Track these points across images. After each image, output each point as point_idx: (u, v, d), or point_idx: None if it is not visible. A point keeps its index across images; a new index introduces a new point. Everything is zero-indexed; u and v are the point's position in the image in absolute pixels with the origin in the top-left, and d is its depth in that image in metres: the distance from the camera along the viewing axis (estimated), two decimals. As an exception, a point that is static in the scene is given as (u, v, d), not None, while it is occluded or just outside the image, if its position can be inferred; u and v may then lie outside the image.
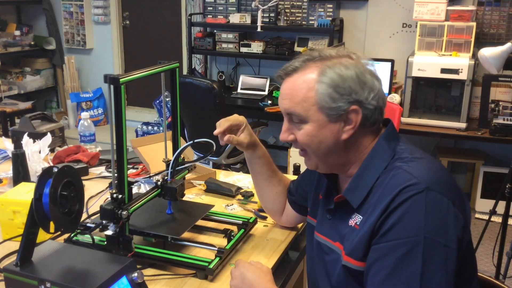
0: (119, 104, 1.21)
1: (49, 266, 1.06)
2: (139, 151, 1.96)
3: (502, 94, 3.68)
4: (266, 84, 4.52)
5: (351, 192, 1.13)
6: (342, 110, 1.09)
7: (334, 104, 1.09)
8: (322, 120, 1.11)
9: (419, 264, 0.98)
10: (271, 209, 1.54)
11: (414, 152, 1.13)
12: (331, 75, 1.09)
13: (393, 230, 1.01)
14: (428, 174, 1.05)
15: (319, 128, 1.11)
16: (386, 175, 1.08)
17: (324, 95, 1.09)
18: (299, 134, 1.14)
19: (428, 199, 1.00)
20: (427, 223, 0.99)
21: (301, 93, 1.11)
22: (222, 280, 1.27)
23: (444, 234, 1.00)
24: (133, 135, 4.93)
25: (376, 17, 4.20)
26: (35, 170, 1.79)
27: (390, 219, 1.02)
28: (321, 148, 1.13)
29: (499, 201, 2.73)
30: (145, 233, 1.38)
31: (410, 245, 0.99)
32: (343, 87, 1.09)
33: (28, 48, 5.36)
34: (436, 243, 0.99)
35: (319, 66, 1.11)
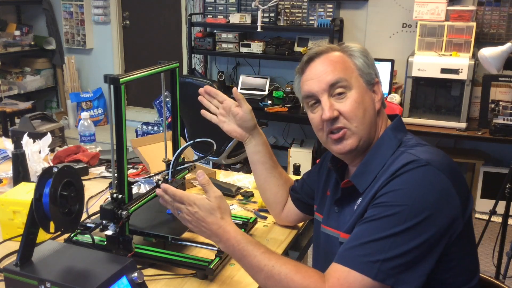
0: (119, 104, 1.21)
1: (49, 266, 1.06)
2: (139, 151, 1.96)
3: (502, 94, 3.68)
4: (266, 84, 4.53)
5: (357, 177, 1.17)
6: (372, 78, 1.20)
7: (369, 70, 1.20)
8: (363, 87, 1.18)
9: (400, 227, 1.00)
10: (273, 203, 1.53)
11: (420, 141, 1.17)
12: (357, 47, 1.22)
13: (386, 195, 1.05)
14: (431, 155, 1.08)
15: (363, 94, 1.17)
16: (392, 161, 1.12)
17: (360, 62, 1.19)
18: (345, 105, 1.16)
19: (426, 173, 1.04)
20: (420, 194, 1.02)
21: (341, 63, 1.19)
22: (222, 280, 1.27)
23: (435, 211, 1.01)
24: (133, 135, 4.93)
25: (376, 17, 4.20)
26: (35, 170, 1.79)
27: (386, 187, 1.05)
28: (366, 116, 1.17)
29: (499, 201, 2.73)
30: (145, 233, 1.38)
31: (397, 209, 1.01)
32: (370, 58, 1.21)
33: (28, 48, 5.36)
34: (424, 218, 1.00)
35: (339, 48, 1.22)
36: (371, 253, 1.01)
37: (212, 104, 1.46)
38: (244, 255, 1.12)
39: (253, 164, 1.49)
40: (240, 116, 1.42)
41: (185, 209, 1.18)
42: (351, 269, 1.02)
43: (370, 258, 1.01)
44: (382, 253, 1.00)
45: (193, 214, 1.17)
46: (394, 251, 1.00)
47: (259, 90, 4.52)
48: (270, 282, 1.09)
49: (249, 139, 1.45)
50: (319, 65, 1.19)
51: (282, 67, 4.61)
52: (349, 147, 1.18)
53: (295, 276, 1.06)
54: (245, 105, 1.42)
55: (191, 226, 1.19)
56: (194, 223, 1.18)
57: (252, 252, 1.12)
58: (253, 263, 1.11)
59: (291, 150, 4.27)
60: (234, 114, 1.42)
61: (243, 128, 1.44)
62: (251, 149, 1.47)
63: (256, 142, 1.46)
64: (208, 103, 1.47)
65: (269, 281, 1.09)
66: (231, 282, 1.26)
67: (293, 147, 4.30)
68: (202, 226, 1.17)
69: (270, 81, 4.55)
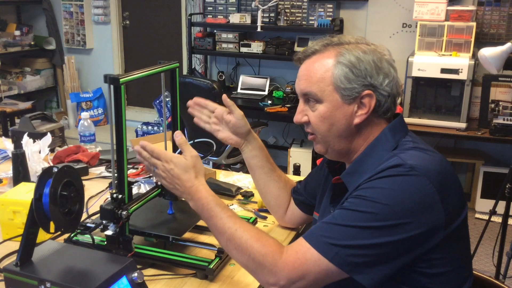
0: (119, 104, 1.21)
1: (49, 266, 1.06)
2: (139, 151, 1.96)
3: (502, 94, 3.68)
4: (266, 84, 4.53)
5: (348, 176, 1.16)
6: (356, 92, 1.12)
7: (349, 85, 1.12)
8: (336, 101, 1.13)
9: (371, 223, 1.00)
10: (275, 206, 1.52)
11: (419, 144, 1.13)
12: (349, 57, 1.13)
13: (368, 190, 1.04)
14: (422, 162, 1.05)
15: (333, 109, 1.13)
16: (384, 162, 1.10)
17: (340, 75, 1.12)
18: (313, 116, 1.16)
19: (411, 180, 1.01)
20: (400, 199, 1.00)
21: (318, 74, 1.14)
22: (222, 280, 1.27)
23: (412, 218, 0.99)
24: (133, 135, 4.93)
25: (376, 17, 4.20)
26: (35, 170, 1.79)
27: (369, 183, 1.05)
28: (332, 131, 1.15)
29: (499, 201, 2.73)
30: (145, 233, 1.38)
31: (374, 207, 1.01)
32: (359, 69, 1.12)
33: (28, 48, 5.36)
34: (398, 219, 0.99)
35: (337, 49, 1.15)
36: (335, 237, 1.02)
37: (203, 114, 1.47)
38: (211, 215, 1.16)
39: (251, 169, 1.49)
40: (233, 123, 1.42)
41: (161, 165, 1.21)
42: (311, 246, 1.03)
43: (332, 241, 1.02)
44: (345, 239, 1.01)
45: (168, 171, 1.20)
46: (357, 241, 1.00)
47: (259, 90, 4.52)
48: (230, 245, 1.12)
49: (244, 145, 1.45)
50: (303, 68, 1.18)
51: (282, 67, 4.60)
52: (318, 151, 1.21)
53: (255, 243, 1.09)
54: (236, 111, 1.42)
55: (165, 182, 1.22)
56: (168, 180, 1.21)
57: (219, 213, 1.15)
58: (218, 224, 1.14)
59: (291, 150, 4.27)
60: (227, 121, 1.42)
61: (238, 135, 1.43)
62: (247, 154, 1.46)
63: (252, 146, 1.45)
64: (199, 114, 1.47)
65: (230, 244, 1.12)
66: (231, 282, 1.26)
67: (293, 147, 4.30)
68: (176, 183, 1.20)
69: (270, 81, 4.55)
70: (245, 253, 1.09)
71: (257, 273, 1.09)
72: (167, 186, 1.23)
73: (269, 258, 1.06)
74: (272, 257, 1.06)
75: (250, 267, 1.10)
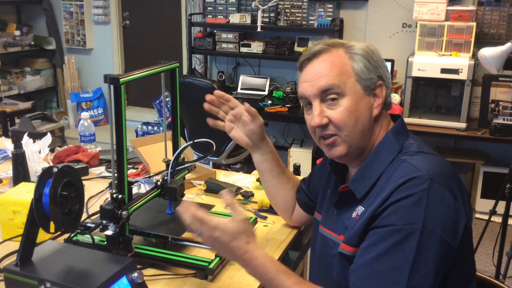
0: (119, 104, 1.21)
1: (49, 266, 1.06)
2: (139, 151, 1.96)
3: (502, 94, 3.68)
4: (266, 84, 4.53)
5: (355, 183, 1.15)
6: (373, 83, 1.14)
7: (369, 75, 1.13)
8: (359, 93, 1.13)
9: (413, 252, 0.98)
10: (283, 207, 1.52)
11: (422, 147, 1.13)
12: (362, 47, 1.15)
13: (392, 217, 1.02)
14: (432, 167, 1.05)
15: (357, 102, 1.12)
16: (391, 168, 1.09)
17: (360, 66, 1.13)
18: (336, 113, 1.12)
19: (431, 191, 1.01)
20: (427, 214, 0.99)
21: (337, 67, 1.13)
22: (222, 280, 1.27)
23: (442, 227, 1.00)
24: (133, 135, 4.93)
25: (376, 17, 4.20)
26: (35, 170, 1.79)
27: (391, 206, 1.02)
28: (358, 125, 1.13)
29: (499, 201, 2.73)
30: (145, 233, 1.38)
31: (406, 232, 0.99)
32: (374, 60, 1.14)
33: (28, 48, 5.36)
34: (433, 235, 0.99)
35: (344, 47, 1.16)
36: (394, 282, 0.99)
37: (221, 109, 1.42)
38: (274, 284, 1.07)
39: (260, 172, 1.48)
40: (252, 130, 1.40)
41: (206, 232, 1.09)
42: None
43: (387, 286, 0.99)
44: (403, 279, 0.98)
45: (214, 239, 1.09)
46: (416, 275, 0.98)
47: (259, 90, 4.52)
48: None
49: (256, 148, 1.44)
50: (315, 66, 1.15)
51: (282, 67, 4.60)
52: (338, 154, 1.16)
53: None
54: (257, 119, 1.40)
55: (213, 248, 1.16)
56: (216, 246, 1.11)
57: (283, 282, 1.06)
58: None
59: (291, 150, 4.27)
60: (245, 124, 1.40)
61: (251, 139, 1.41)
62: (257, 157, 1.45)
63: (262, 151, 1.44)
64: (216, 110, 1.42)
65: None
66: (231, 282, 1.26)
67: (293, 147, 4.30)
68: (225, 251, 1.10)
69: (270, 81, 4.55)
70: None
71: None
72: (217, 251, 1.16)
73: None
74: None
75: None
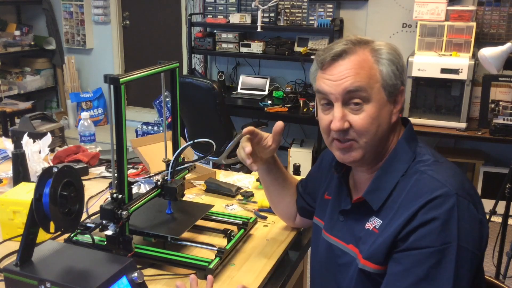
0: (119, 104, 1.21)
1: (49, 266, 1.06)
2: (139, 151, 1.96)
3: (502, 94, 3.68)
4: (266, 84, 4.53)
5: (371, 194, 1.11)
6: (397, 89, 1.10)
7: (395, 82, 1.09)
8: (382, 99, 1.08)
9: (452, 271, 0.97)
10: (286, 213, 1.51)
11: (434, 155, 1.11)
12: (389, 51, 1.09)
13: (426, 239, 0.99)
14: (453, 180, 1.03)
15: (380, 108, 1.07)
16: (409, 178, 1.06)
17: (388, 72, 1.08)
18: (359, 119, 1.06)
19: (460, 208, 0.99)
20: (460, 231, 0.98)
21: (365, 70, 1.06)
22: (222, 280, 1.27)
23: (473, 241, 1.00)
24: (133, 135, 4.93)
25: (376, 17, 4.20)
26: (35, 170, 1.79)
27: (421, 228, 1.00)
28: (378, 133, 1.08)
29: (499, 201, 2.73)
30: (145, 233, 1.38)
31: (443, 253, 0.98)
32: (400, 65, 1.10)
33: (28, 48, 5.36)
34: (466, 251, 0.99)
35: (369, 47, 1.10)
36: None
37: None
38: None
39: (263, 182, 1.47)
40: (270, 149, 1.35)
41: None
42: None
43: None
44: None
45: None
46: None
47: (259, 90, 4.52)
48: None
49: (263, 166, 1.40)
50: (343, 67, 1.07)
51: (282, 67, 4.60)
52: (352, 159, 1.12)
53: None
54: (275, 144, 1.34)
55: None
56: None
57: None
58: None
59: (291, 150, 4.27)
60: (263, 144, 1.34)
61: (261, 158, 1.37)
62: (263, 172, 1.43)
63: (270, 168, 1.41)
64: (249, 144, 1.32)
65: None
66: (231, 282, 1.26)
67: (293, 147, 4.30)
68: None
69: (270, 81, 4.55)
70: None
71: None
72: None
73: None
74: None
75: None
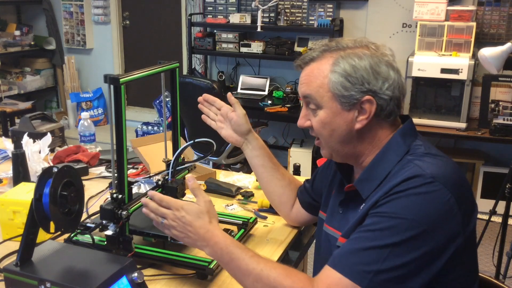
0: (119, 104, 1.21)
1: (49, 266, 1.06)
2: (139, 151, 1.96)
3: (502, 94, 3.68)
4: (266, 84, 4.53)
5: (361, 183, 1.15)
6: (355, 99, 1.12)
7: (347, 93, 1.12)
8: (335, 108, 1.14)
9: (397, 240, 0.98)
10: (279, 204, 1.53)
11: (430, 149, 1.13)
12: (344, 65, 1.12)
13: (388, 206, 1.02)
14: (439, 169, 1.04)
15: (333, 116, 1.14)
16: (398, 168, 1.09)
17: (336, 84, 1.12)
18: (314, 121, 1.17)
19: (430, 189, 1.00)
20: (421, 209, 0.99)
21: (317, 80, 1.15)
22: (222, 280, 1.27)
23: (434, 226, 0.99)
24: (133, 135, 4.93)
25: (376, 17, 4.20)
26: (35, 170, 1.79)
27: (388, 197, 1.03)
28: (334, 136, 1.16)
29: (499, 201, 2.73)
30: (145, 233, 1.38)
31: (397, 222, 0.99)
32: (355, 77, 1.11)
33: (28, 48, 5.36)
34: (422, 231, 0.98)
35: (334, 57, 1.15)
36: (366, 262, 0.99)
37: (211, 111, 1.52)
38: (232, 259, 1.11)
39: (253, 168, 1.51)
40: (234, 120, 1.46)
41: (171, 214, 1.17)
42: (343, 275, 1.00)
43: (364, 268, 0.99)
44: (377, 263, 0.98)
45: (179, 219, 1.16)
46: (389, 262, 0.98)
47: (259, 90, 4.53)
48: (258, 286, 1.07)
49: (245, 144, 1.49)
50: (304, 74, 1.19)
51: (282, 67, 4.61)
52: (323, 155, 1.22)
53: (285, 280, 1.05)
54: (239, 109, 1.46)
55: (176, 232, 1.18)
56: (179, 228, 1.17)
57: (240, 255, 1.11)
58: (241, 267, 1.10)
59: (291, 150, 4.27)
60: (230, 119, 1.47)
61: (238, 133, 1.48)
62: (248, 153, 1.50)
63: (252, 146, 1.48)
64: (207, 111, 1.52)
65: (257, 284, 1.07)
66: (231, 282, 1.26)
67: (293, 147, 4.30)
68: (188, 231, 1.16)
69: (270, 81, 4.55)
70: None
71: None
72: (178, 236, 1.18)
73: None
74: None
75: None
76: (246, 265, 1.09)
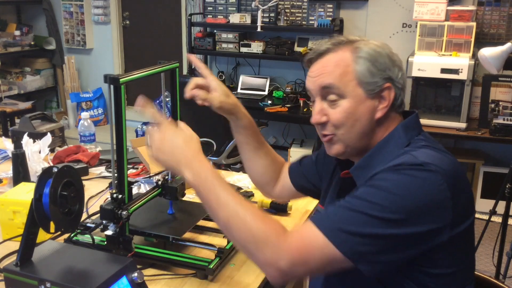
0: (119, 104, 1.21)
1: (49, 266, 1.06)
2: (139, 151, 1.96)
3: (502, 94, 3.68)
4: (266, 84, 4.53)
5: (358, 170, 1.14)
6: (378, 86, 1.11)
7: (372, 79, 1.11)
8: (360, 96, 1.11)
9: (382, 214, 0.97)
10: (259, 182, 1.51)
11: (431, 143, 1.11)
12: (368, 50, 1.12)
13: (376, 180, 1.02)
14: (435, 159, 1.02)
15: (357, 104, 1.11)
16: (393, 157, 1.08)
17: (363, 69, 1.10)
18: (335, 113, 1.12)
19: (422, 174, 0.99)
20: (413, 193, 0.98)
21: (340, 68, 1.11)
22: (222, 280, 1.27)
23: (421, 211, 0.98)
24: (133, 135, 4.92)
25: (376, 17, 4.20)
26: (35, 170, 1.79)
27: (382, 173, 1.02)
28: (356, 127, 1.12)
29: (499, 201, 2.73)
30: (146, 233, 1.38)
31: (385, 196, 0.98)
32: (380, 62, 1.11)
33: (28, 48, 5.36)
34: (408, 211, 0.97)
35: (351, 46, 1.13)
36: (345, 222, 0.98)
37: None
38: (215, 186, 1.06)
39: (237, 143, 1.46)
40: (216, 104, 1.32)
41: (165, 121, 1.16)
42: (320, 231, 0.99)
43: (341, 226, 0.98)
44: (355, 226, 0.97)
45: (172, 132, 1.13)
46: (366, 229, 0.97)
47: (259, 90, 4.52)
48: (232, 221, 1.03)
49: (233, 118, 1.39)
50: (321, 65, 1.13)
51: (282, 67, 4.61)
52: (335, 152, 1.16)
53: (259, 222, 1.02)
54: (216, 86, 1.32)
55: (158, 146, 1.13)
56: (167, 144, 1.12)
57: (223, 187, 1.06)
58: (220, 198, 1.05)
59: (291, 150, 4.27)
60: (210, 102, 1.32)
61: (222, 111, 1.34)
62: (233, 128, 1.41)
63: (238, 123, 1.39)
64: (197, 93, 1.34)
65: (231, 220, 1.04)
66: (231, 282, 1.26)
67: (293, 147, 4.30)
68: (176, 147, 1.11)
69: (270, 81, 4.55)
70: (247, 232, 1.02)
71: (257, 252, 1.01)
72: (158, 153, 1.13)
73: (273, 238, 1.00)
74: (276, 237, 1.00)
75: (250, 247, 1.02)
76: (226, 198, 1.05)
